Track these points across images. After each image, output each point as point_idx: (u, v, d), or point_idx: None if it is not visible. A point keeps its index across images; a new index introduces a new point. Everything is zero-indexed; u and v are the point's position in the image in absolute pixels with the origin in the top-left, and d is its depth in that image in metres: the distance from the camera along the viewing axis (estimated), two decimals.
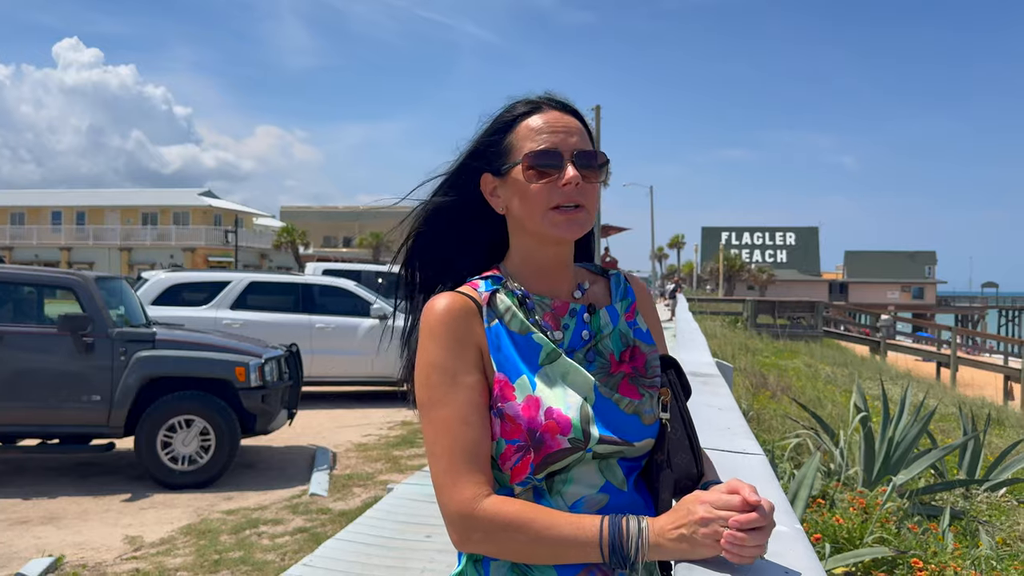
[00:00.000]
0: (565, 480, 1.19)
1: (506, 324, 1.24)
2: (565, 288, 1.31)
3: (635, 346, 1.30)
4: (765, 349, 19.17)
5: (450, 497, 1.15)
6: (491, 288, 1.27)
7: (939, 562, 3.63)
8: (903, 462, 5.25)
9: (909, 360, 29.16)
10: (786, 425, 7.40)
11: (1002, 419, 13.61)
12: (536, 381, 1.20)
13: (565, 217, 1.23)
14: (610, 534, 1.07)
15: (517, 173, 1.25)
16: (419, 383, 1.23)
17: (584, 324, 1.28)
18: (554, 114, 1.28)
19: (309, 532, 5.12)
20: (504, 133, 1.29)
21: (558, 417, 1.17)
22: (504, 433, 1.19)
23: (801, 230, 74.78)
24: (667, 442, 1.23)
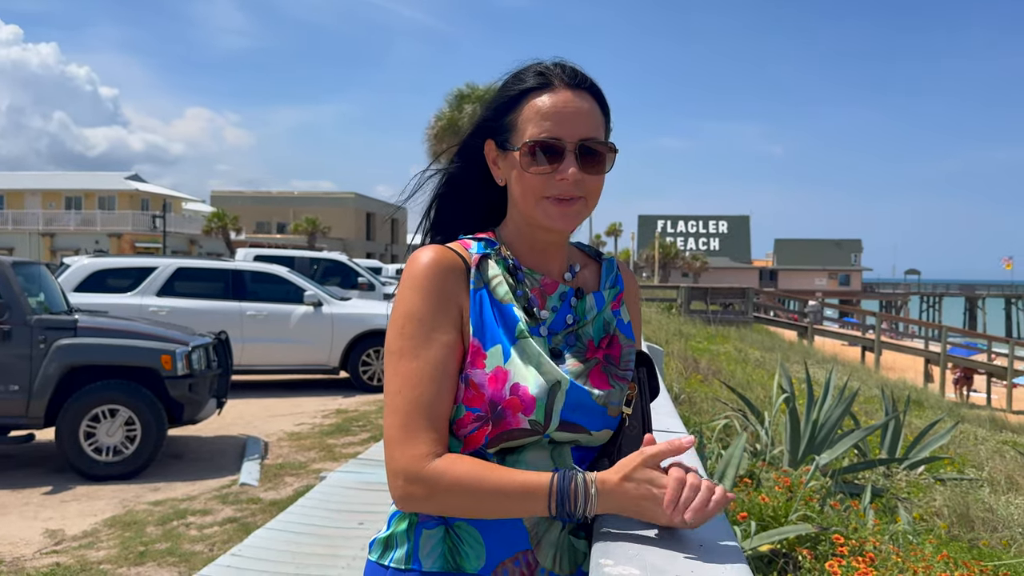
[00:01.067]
0: (516, 460, 1.18)
1: (491, 290, 1.21)
2: (557, 267, 1.29)
3: (615, 335, 1.28)
4: (698, 334, 19.56)
5: (401, 452, 1.12)
6: (483, 251, 1.24)
7: (859, 538, 3.76)
8: (827, 442, 5.42)
9: (835, 344, 30.14)
10: (716, 407, 7.57)
11: (922, 401, 14.21)
12: (512, 353, 1.17)
13: (559, 210, 1.20)
14: (560, 486, 1.07)
15: (515, 157, 1.21)
16: (393, 331, 1.19)
17: (570, 308, 1.26)
18: (565, 95, 1.21)
19: (239, 522, 5.01)
20: (510, 107, 1.24)
21: (523, 395, 1.15)
22: (466, 399, 1.17)
23: (733, 218, 76.44)
24: (622, 436, 1.21)
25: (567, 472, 1.08)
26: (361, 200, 59.96)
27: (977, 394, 26.08)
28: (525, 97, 1.22)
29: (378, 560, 1.23)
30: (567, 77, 1.23)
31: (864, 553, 3.49)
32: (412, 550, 1.19)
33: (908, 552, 3.73)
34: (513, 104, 1.23)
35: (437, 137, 23.79)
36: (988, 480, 7.10)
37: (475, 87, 23.81)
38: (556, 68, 1.24)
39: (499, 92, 1.27)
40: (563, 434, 1.17)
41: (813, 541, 3.64)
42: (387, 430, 1.15)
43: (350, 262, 16.04)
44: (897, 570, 3.39)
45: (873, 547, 3.63)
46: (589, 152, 1.20)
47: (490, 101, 1.29)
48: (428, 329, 1.16)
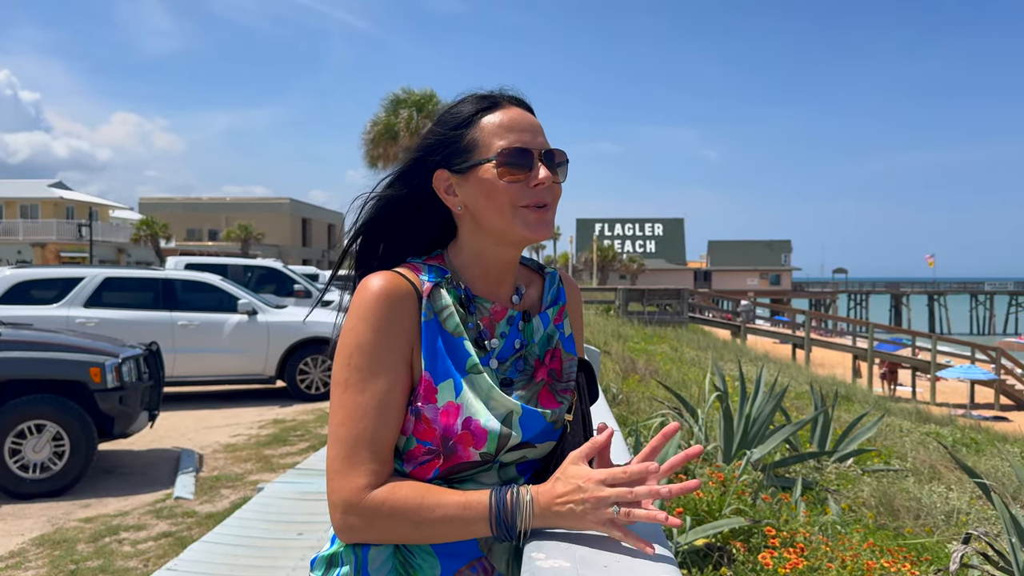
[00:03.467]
0: (463, 481, 1.19)
1: (442, 322, 1.20)
2: (506, 292, 1.29)
3: (557, 349, 1.29)
4: (635, 335, 19.84)
5: (341, 484, 1.12)
6: (434, 280, 1.22)
7: (790, 529, 3.88)
8: (759, 438, 5.57)
9: (767, 343, 30.95)
10: (653, 406, 7.70)
11: (850, 395, 14.68)
12: (463, 387, 1.17)
13: (537, 216, 1.20)
14: (497, 507, 1.08)
15: (484, 171, 1.20)
16: (340, 361, 1.17)
17: (518, 333, 1.26)
18: (517, 111, 1.24)
19: (174, 536, 4.90)
20: (464, 128, 1.23)
21: (475, 430, 1.15)
22: (417, 432, 1.17)
23: (668, 221, 77.77)
24: (564, 442, 1.23)
25: (501, 490, 1.10)
26: (296, 205, 59.03)
27: (903, 388, 27.11)
28: (477, 117, 1.23)
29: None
30: (513, 98, 1.26)
31: (795, 544, 3.61)
32: (360, 566, 1.19)
33: (837, 541, 3.87)
34: (467, 125, 1.23)
35: (374, 142, 23.58)
36: (912, 470, 7.40)
37: (411, 91, 23.68)
38: (498, 91, 1.26)
39: (445, 118, 1.26)
40: (511, 455, 1.19)
41: (746, 534, 3.74)
42: (329, 462, 1.15)
43: (285, 269, 15.79)
44: (826, 559, 3.51)
45: (803, 538, 3.76)
46: (551, 160, 1.22)
47: (434, 129, 1.27)
48: (376, 362, 1.15)
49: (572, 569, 0.93)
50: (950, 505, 5.79)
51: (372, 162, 23.98)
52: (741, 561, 3.48)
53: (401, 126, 22.73)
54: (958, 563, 3.55)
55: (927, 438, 9.81)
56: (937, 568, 4.01)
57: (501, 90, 1.27)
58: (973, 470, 3.81)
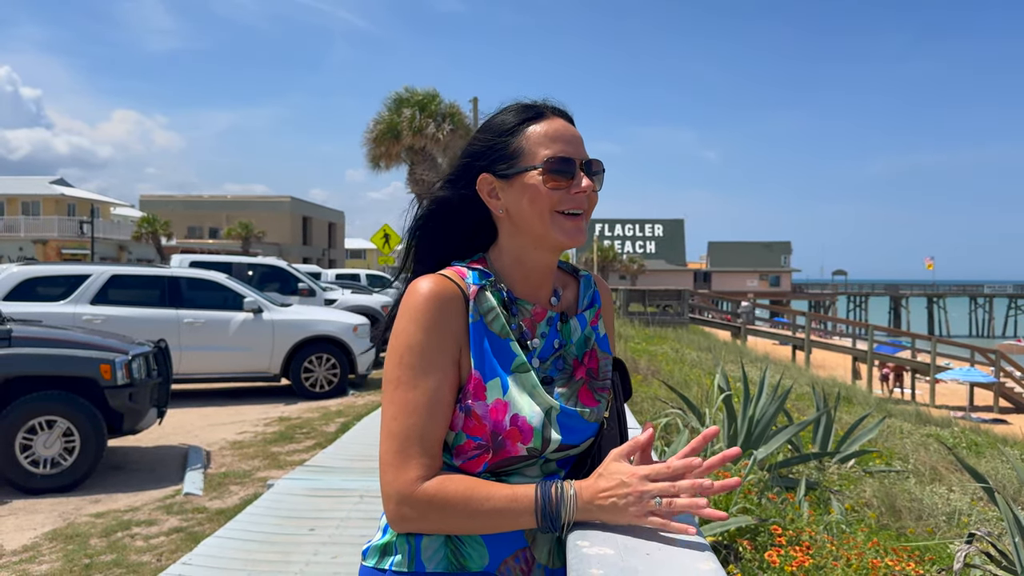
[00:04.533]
0: (509, 474, 1.25)
1: (488, 323, 1.26)
2: (545, 294, 1.36)
3: (594, 349, 1.36)
4: (636, 336, 19.90)
5: (395, 477, 1.19)
6: (479, 283, 1.29)
7: (796, 528, 3.94)
8: (763, 438, 5.63)
9: (767, 344, 31.01)
10: (656, 407, 7.76)
11: (850, 397, 14.74)
12: (510, 385, 1.23)
13: (573, 224, 1.28)
14: (542, 501, 1.14)
15: (530, 177, 1.27)
16: (391, 361, 1.24)
17: (556, 333, 1.33)
18: (561, 122, 1.31)
19: (186, 532, 4.96)
20: (510, 136, 1.30)
21: (523, 425, 1.21)
22: (467, 428, 1.23)
23: (668, 222, 77.85)
24: (601, 438, 1.30)
25: (546, 485, 1.16)
26: (297, 204, 59.06)
27: (900, 390, 27.16)
28: (523, 126, 1.30)
29: (375, 565, 1.28)
30: (556, 109, 1.33)
31: (800, 542, 3.67)
32: (414, 554, 1.25)
33: (841, 541, 3.93)
34: (512, 133, 1.30)
35: (376, 141, 23.58)
36: (914, 471, 7.46)
37: (413, 90, 23.68)
38: (542, 101, 1.34)
39: (492, 126, 1.33)
40: (556, 454, 1.26)
41: (753, 532, 3.80)
42: (383, 455, 1.21)
43: (289, 267, 15.85)
44: (832, 558, 3.57)
45: (809, 536, 3.82)
46: (590, 171, 1.30)
47: (481, 136, 1.34)
48: (427, 361, 1.21)
49: (616, 555, 0.99)
50: (951, 506, 5.85)
51: (374, 161, 23.98)
52: (748, 559, 3.53)
53: (404, 125, 22.72)
54: (962, 562, 3.61)
55: (928, 440, 9.87)
56: (940, 568, 4.07)
57: (545, 101, 1.34)
58: (977, 471, 3.87)
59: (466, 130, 22.51)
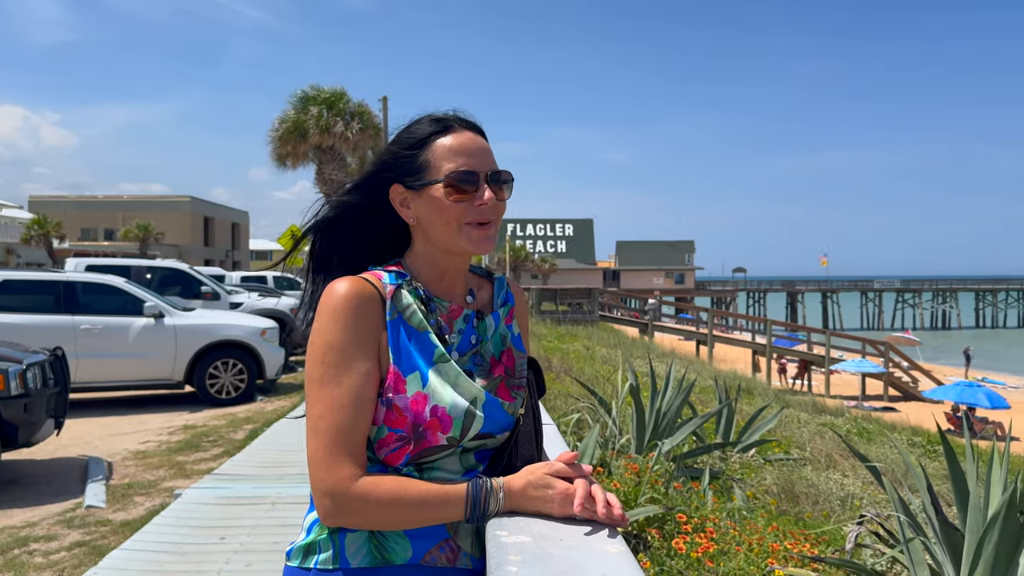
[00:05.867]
0: (432, 467, 1.31)
1: (406, 319, 1.32)
2: (460, 292, 1.42)
3: (509, 348, 1.43)
4: (549, 334, 20.17)
5: (327, 474, 1.22)
6: (395, 282, 1.34)
7: (701, 516, 4.12)
8: (669, 430, 5.84)
9: (673, 339, 31.89)
10: (568, 403, 7.92)
11: (751, 389, 15.34)
12: (429, 378, 1.29)
13: (479, 233, 1.34)
14: (473, 496, 1.21)
15: (435, 191, 1.33)
16: (313, 360, 1.27)
17: (472, 329, 1.40)
18: (468, 135, 1.37)
19: (89, 545, 4.77)
20: (418, 149, 1.36)
21: (442, 416, 1.27)
22: (388, 421, 1.28)
23: (578, 222, 79.02)
24: (517, 433, 1.36)
25: (478, 481, 1.23)
26: (198, 204, 57.07)
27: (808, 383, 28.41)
28: (431, 139, 1.36)
29: (300, 565, 1.31)
30: (464, 122, 1.39)
31: (705, 529, 3.84)
32: (338, 550, 1.28)
33: (743, 526, 4.13)
34: (421, 147, 1.36)
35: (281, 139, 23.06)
36: (810, 459, 7.85)
37: (320, 89, 23.26)
38: (452, 114, 1.40)
39: (401, 138, 1.40)
40: (474, 443, 1.32)
41: (660, 521, 3.95)
42: (311, 453, 1.24)
43: (191, 270, 15.33)
44: (734, 543, 3.76)
45: (713, 524, 4.00)
46: (497, 181, 1.36)
47: (392, 148, 1.40)
48: (349, 358, 1.26)
49: (533, 543, 1.05)
50: (845, 491, 6.19)
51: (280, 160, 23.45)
52: (656, 547, 3.67)
53: (311, 124, 22.30)
54: (853, 542, 3.85)
55: (823, 428, 10.39)
56: (835, 549, 4.33)
57: (454, 113, 1.40)
58: (866, 457, 4.12)
59: (375, 129, 22.29)
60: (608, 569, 0.96)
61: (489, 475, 1.29)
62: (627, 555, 1.01)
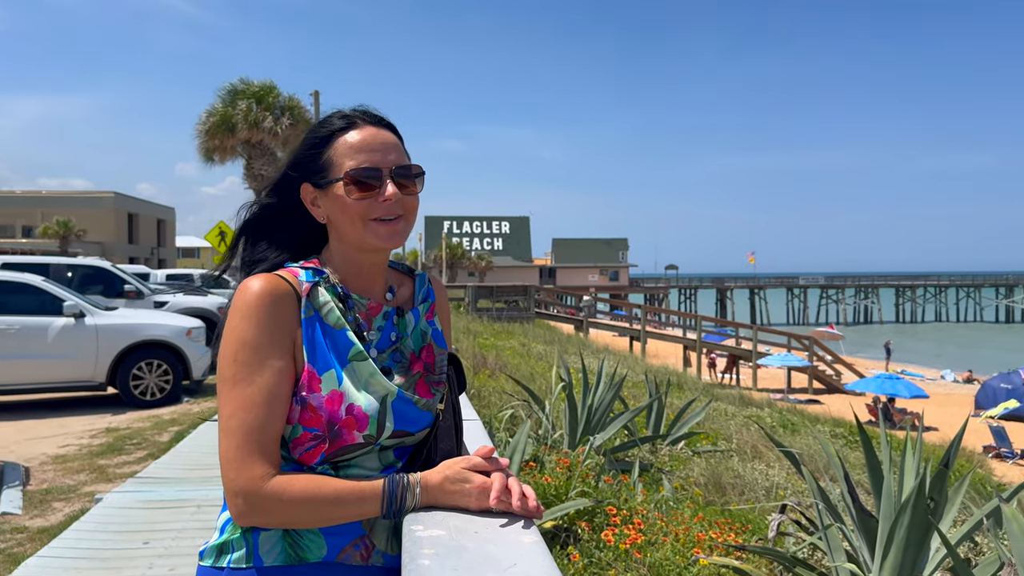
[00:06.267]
0: (349, 465, 1.30)
1: (322, 317, 1.30)
2: (379, 289, 1.41)
3: (430, 344, 1.43)
4: (485, 331, 20.19)
5: (239, 473, 1.20)
6: (312, 280, 1.33)
7: (630, 508, 4.19)
8: (600, 425, 5.93)
9: (607, 336, 32.34)
10: (503, 399, 7.95)
11: (681, 383, 15.66)
12: (344, 376, 1.27)
13: (387, 229, 1.32)
14: (390, 491, 1.21)
15: (338, 188, 1.32)
16: (225, 358, 1.25)
17: (392, 326, 1.39)
18: (371, 130, 1.35)
19: (3, 554, 4.57)
20: (322, 148, 1.35)
21: (358, 414, 1.26)
22: (303, 420, 1.26)
23: (514, 219, 79.34)
24: (437, 429, 1.36)
25: (395, 477, 1.23)
26: (121, 200, 55.20)
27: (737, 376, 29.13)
28: (334, 137, 1.36)
29: (213, 565, 1.29)
30: (368, 117, 1.38)
31: (634, 521, 3.91)
32: (252, 549, 1.27)
33: (670, 517, 4.22)
34: (324, 145, 1.36)
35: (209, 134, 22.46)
36: (737, 450, 8.06)
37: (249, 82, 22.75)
38: (357, 111, 1.39)
39: (307, 138, 1.39)
40: (391, 440, 1.32)
41: (591, 514, 4.00)
42: (223, 453, 1.22)
43: (114, 268, 14.84)
44: (662, 533, 3.84)
45: (641, 515, 4.08)
46: (402, 175, 1.35)
47: (299, 147, 1.40)
48: (261, 356, 1.24)
49: (448, 536, 1.06)
50: (770, 480, 6.38)
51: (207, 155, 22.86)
52: (586, 540, 3.73)
53: (239, 118, 21.81)
54: (775, 531, 3.97)
55: (749, 421, 10.68)
56: (759, 537, 4.46)
57: (361, 108, 1.40)
58: (786, 448, 4.25)
59: (307, 124, 21.91)
60: (520, 559, 0.98)
61: (408, 471, 1.29)
62: (540, 544, 1.03)
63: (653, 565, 3.44)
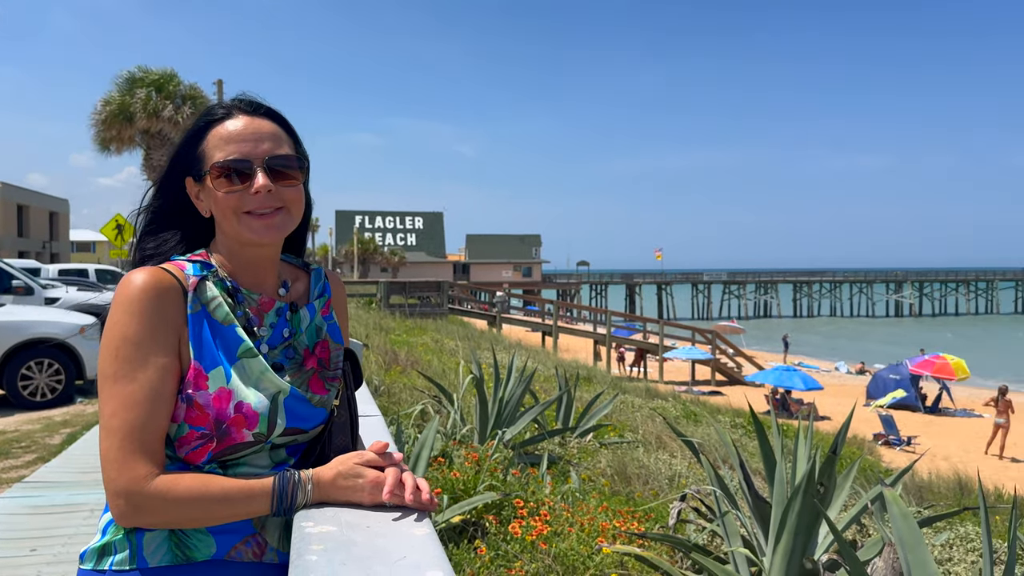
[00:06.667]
0: (238, 463, 1.26)
1: (210, 312, 1.25)
2: (271, 284, 1.36)
3: (325, 340, 1.39)
4: (398, 328, 20.01)
5: (120, 473, 1.16)
6: (199, 274, 1.27)
7: (537, 500, 4.25)
8: (511, 419, 5.98)
9: (521, 331, 32.58)
10: (415, 396, 7.91)
11: (591, 377, 15.93)
12: (232, 373, 1.23)
13: (261, 222, 1.27)
14: (280, 488, 1.18)
15: (210, 182, 1.28)
16: (107, 355, 1.19)
17: (286, 322, 1.35)
18: (244, 119, 1.30)
19: None
20: (197, 140, 1.30)
21: (247, 412, 1.22)
22: (189, 419, 1.22)
23: (428, 215, 78.92)
24: (331, 424, 1.34)
25: (285, 474, 1.20)
26: (10, 191, 52.11)
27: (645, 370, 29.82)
28: (208, 129, 1.31)
29: (94, 567, 1.25)
30: (244, 106, 1.33)
31: (540, 513, 3.97)
32: (135, 551, 1.23)
33: (576, 508, 4.30)
34: (199, 137, 1.31)
35: (105, 123, 21.49)
36: (643, 441, 8.26)
37: (148, 70, 21.86)
38: (234, 100, 1.35)
39: (185, 131, 1.35)
40: (283, 438, 1.29)
41: (498, 507, 4.04)
42: (104, 452, 1.18)
43: (1, 263, 14.02)
44: (568, 524, 3.90)
45: (548, 507, 4.14)
46: (278, 166, 1.30)
47: (177, 142, 1.36)
48: (144, 353, 1.19)
49: (338, 531, 1.05)
50: (673, 470, 6.57)
51: (104, 145, 21.88)
52: (494, 533, 3.75)
53: (138, 107, 20.96)
54: (676, 518, 4.10)
55: (655, 413, 10.96)
56: (661, 525, 4.59)
57: (239, 97, 1.35)
58: (686, 436, 4.39)
59: None
60: (411, 551, 0.98)
61: (302, 467, 1.27)
62: (432, 536, 1.03)
63: (558, 555, 3.49)
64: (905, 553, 2.39)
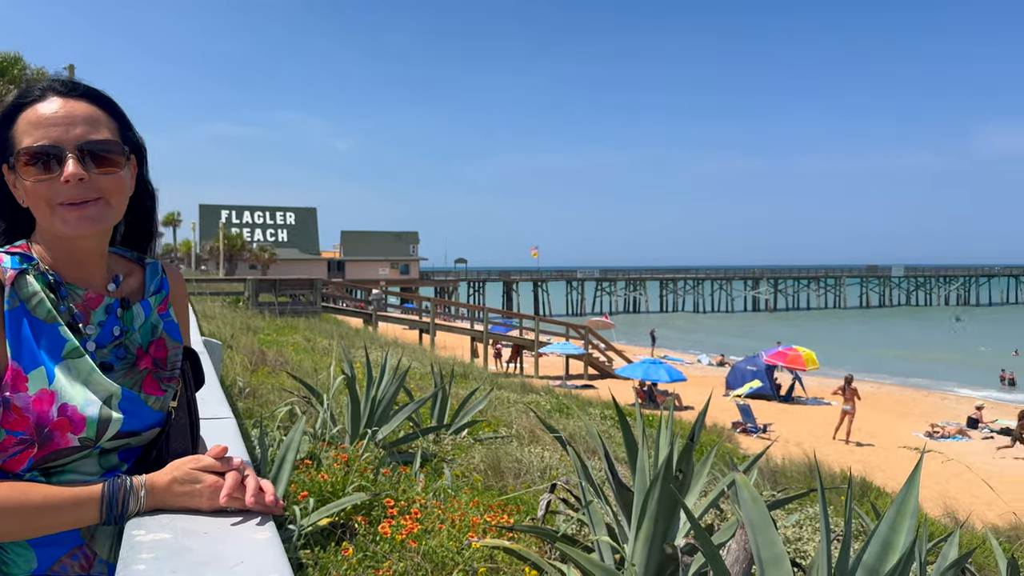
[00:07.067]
0: (63, 471, 1.17)
1: (30, 309, 1.15)
2: (99, 278, 1.26)
3: (162, 338, 1.30)
4: (267, 327, 19.36)
5: None
6: (19, 267, 1.16)
7: (408, 499, 4.22)
8: (384, 417, 5.91)
9: (398, 329, 32.26)
10: (283, 397, 7.68)
11: (468, 374, 15.98)
12: (56, 374, 1.14)
13: (76, 214, 1.17)
14: (109, 495, 1.10)
15: (20, 169, 1.17)
16: None
17: (116, 320, 1.25)
18: (57, 102, 1.19)
19: None
20: (8, 124, 1.19)
21: (72, 415, 1.13)
22: (6, 423, 1.12)
23: (300, 210, 76.81)
24: (169, 427, 1.26)
25: (116, 480, 1.12)
26: None
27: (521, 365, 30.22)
28: (18, 112, 1.21)
29: None
30: (59, 86, 1.23)
31: (411, 512, 3.95)
32: None
33: (448, 504, 4.30)
34: (10, 121, 1.21)
35: None
36: (516, 436, 8.37)
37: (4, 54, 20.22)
38: (49, 81, 1.24)
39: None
40: (114, 442, 1.20)
41: (368, 508, 3.98)
42: None
43: None
44: (438, 521, 3.90)
45: (419, 505, 4.12)
46: (94, 153, 1.20)
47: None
48: None
49: (172, 539, 1.00)
50: (545, 462, 6.69)
51: None
52: (363, 534, 3.70)
53: None
54: (545, 509, 4.18)
55: (528, 407, 11.13)
56: (532, 516, 4.66)
57: (56, 77, 1.25)
58: (556, 430, 4.48)
59: None
60: (250, 556, 0.95)
61: (135, 474, 1.20)
62: (273, 540, 1.00)
63: (427, 553, 3.48)
64: (755, 535, 2.53)
